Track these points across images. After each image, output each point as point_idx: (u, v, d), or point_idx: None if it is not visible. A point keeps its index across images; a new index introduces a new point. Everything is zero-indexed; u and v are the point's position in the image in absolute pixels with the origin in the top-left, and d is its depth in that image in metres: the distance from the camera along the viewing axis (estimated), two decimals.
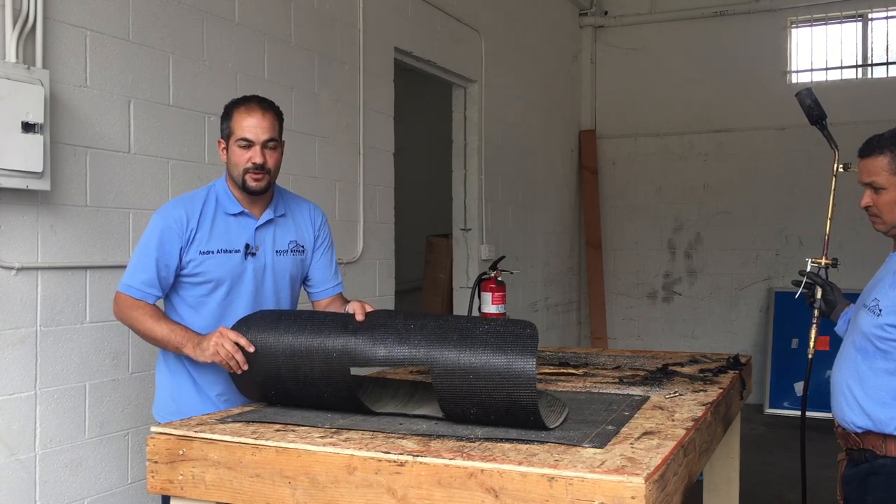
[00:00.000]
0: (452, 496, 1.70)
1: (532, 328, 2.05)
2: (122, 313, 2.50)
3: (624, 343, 8.52)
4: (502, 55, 6.65)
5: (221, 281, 2.53)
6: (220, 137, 2.59)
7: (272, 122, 2.54)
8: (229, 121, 2.54)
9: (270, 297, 2.63)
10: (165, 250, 2.47)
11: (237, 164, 2.52)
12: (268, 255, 2.61)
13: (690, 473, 2.02)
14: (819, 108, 2.90)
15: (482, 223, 6.29)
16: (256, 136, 2.50)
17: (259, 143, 2.50)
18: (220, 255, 2.52)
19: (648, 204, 8.57)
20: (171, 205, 2.57)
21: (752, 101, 8.10)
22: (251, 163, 2.50)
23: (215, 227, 2.53)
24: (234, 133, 2.51)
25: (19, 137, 2.67)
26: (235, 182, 2.55)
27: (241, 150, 2.51)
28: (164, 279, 2.49)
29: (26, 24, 2.79)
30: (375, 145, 4.89)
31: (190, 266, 2.50)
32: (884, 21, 7.96)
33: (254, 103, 2.55)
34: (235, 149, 2.51)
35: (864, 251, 5.66)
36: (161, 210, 2.56)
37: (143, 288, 2.46)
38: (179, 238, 2.48)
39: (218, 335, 2.28)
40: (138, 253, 2.50)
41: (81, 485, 3.04)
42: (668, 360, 3.27)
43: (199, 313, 2.54)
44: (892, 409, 2.36)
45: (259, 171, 2.50)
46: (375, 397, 2.33)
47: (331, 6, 4.48)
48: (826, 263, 2.83)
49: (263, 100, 2.58)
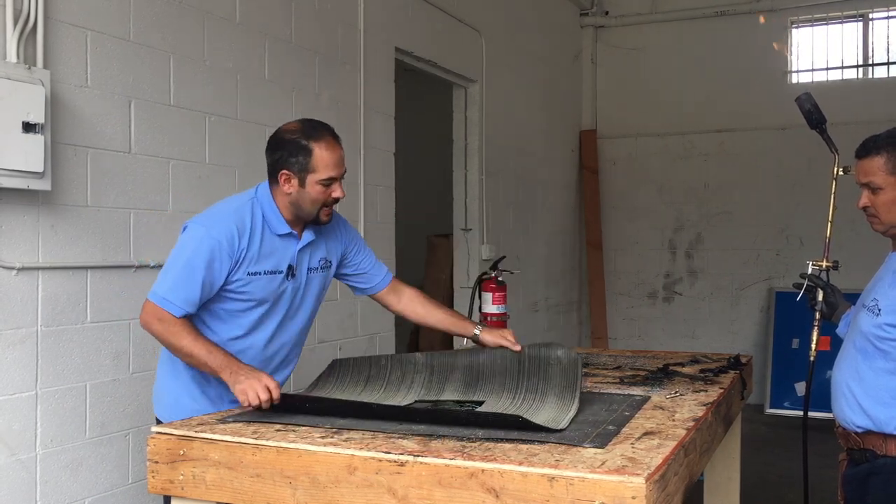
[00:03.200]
0: (453, 496, 1.70)
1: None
2: (153, 325, 2.37)
3: (624, 343, 8.52)
4: (503, 55, 6.65)
5: (264, 301, 2.50)
6: (288, 169, 2.43)
7: (343, 152, 2.50)
8: (307, 157, 2.41)
9: (298, 314, 2.62)
10: (214, 269, 2.37)
11: (316, 202, 2.44)
12: (303, 275, 2.58)
13: (691, 473, 2.02)
14: (818, 112, 2.90)
15: (483, 223, 6.29)
16: (340, 172, 2.46)
17: (339, 178, 2.46)
18: (266, 276, 2.47)
19: (649, 204, 8.57)
20: (218, 219, 2.43)
21: (753, 101, 8.10)
22: (333, 198, 2.46)
23: (263, 248, 2.46)
24: (317, 171, 2.41)
25: (20, 137, 2.67)
26: (304, 215, 2.47)
27: (321, 188, 2.43)
28: (204, 298, 2.39)
29: (27, 24, 2.79)
30: (375, 145, 4.89)
31: (235, 285, 2.43)
32: (884, 21, 7.96)
33: (330, 137, 2.45)
34: (315, 187, 2.42)
35: (863, 252, 5.64)
36: (207, 223, 2.42)
37: (183, 306, 2.35)
38: (230, 258, 2.38)
39: (257, 382, 2.20)
40: (182, 267, 2.36)
41: (82, 485, 3.05)
42: (669, 360, 3.27)
43: (226, 324, 2.49)
44: (893, 408, 2.36)
45: (335, 204, 2.49)
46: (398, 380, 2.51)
47: (331, 6, 4.48)
48: (827, 266, 2.83)
49: (332, 130, 2.49)
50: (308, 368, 4.22)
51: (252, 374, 2.26)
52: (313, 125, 2.48)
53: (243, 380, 2.23)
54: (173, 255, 2.42)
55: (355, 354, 4.11)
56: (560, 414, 2.13)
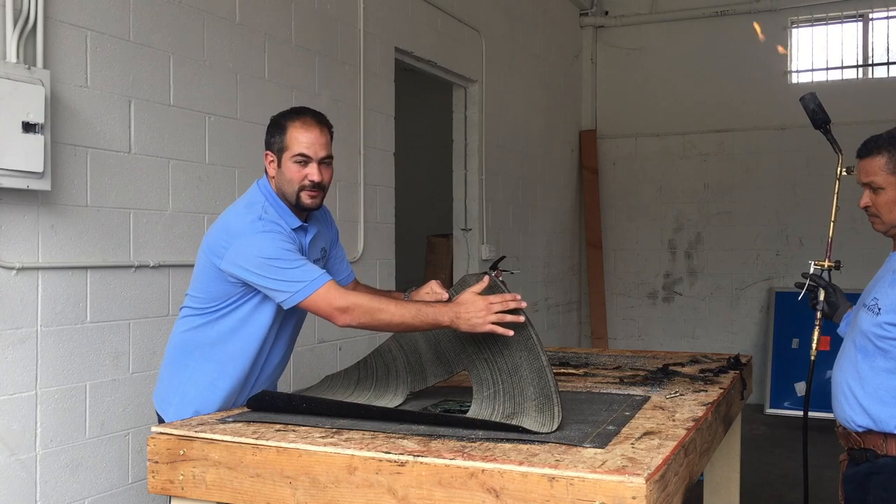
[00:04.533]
0: (453, 496, 1.70)
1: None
2: (354, 311, 2.29)
3: (624, 343, 8.52)
4: (503, 55, 6.65)
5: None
6: (269, 150, 2.49)
7: (328, 137, 2.50)
8: (282, 134, 2.46)
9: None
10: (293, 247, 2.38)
11: (292, 181, 2.45)
12: None
13: (691, 473, 2.02)
14: (823, 112, 2.89)
15: (482, 223, 6.29)
16: (315, 152, 2.45)
17: (316, 159, 2.45)
18: None
19: (649, 204, 8.57)
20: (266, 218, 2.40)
21: (753, 101, 8.10)
22: (308, 180, 2.45)
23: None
24: (290, 148, 2.44)
25: (20, 137, 2.67)
26: (288, 198, 2.49)
27: (296, 167, 2.44)
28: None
29: (27, 24, 2.79)
30: (375, 145, 4.89)
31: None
32: (884, 21, 7.96)
33: (310, 117, 2.48)
34: (290, 164, 2.44)
35: (864, 252, 5.65)
36: (261, 225, 2.38)
37: (319, 274, 2.31)
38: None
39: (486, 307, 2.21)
40: (285, 262, 2.32)
41: (82, 485, 3.04)
42: (669, 360, 3.27)
43: (245, 325, 2.48)
44: (893, 407, 2.36)
45: (315, 189, 2.47)
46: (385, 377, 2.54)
47: (331, 6, 4.48)
48: (829, 266, 2.83)
49: (317, 113, 2.51)
50: (308, 368, 4.23)
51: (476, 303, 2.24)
52: (298, 108, 2.53)
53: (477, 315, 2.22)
54: (258, 264, 2.33)
55: (355, 355, 4.11)
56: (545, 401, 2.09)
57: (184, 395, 2.54)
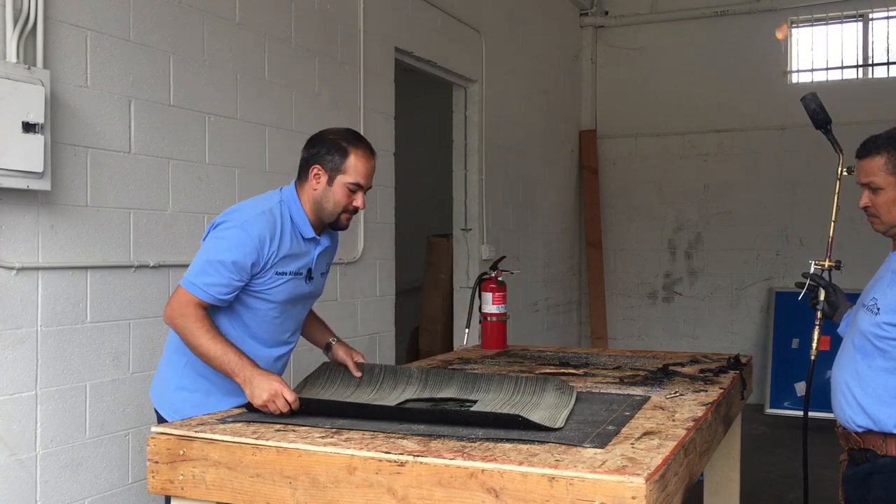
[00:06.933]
0: (453, 496, 1.70)
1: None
2: (178, 319, 2.38)
3: (624, 343, 8.52)
4: (503, 55, 6.65)
5: (287, 301, 2.56)
6: (320, 165, 2.51)
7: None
8: (343, 157, 2.50)
9: (302, 314, 2.72)
10: (244, 267, 2.40)
11: (338, 203, 2.51)
12: (316, 278, 2.66)
13: (691, 473, 2.02)
14: (824, 112, 2.89)
15: (482, 223, 6.28)
16: (367, 183, 2.54)
17: (365, 189, 2.54)
18: (292, 278, 2.54)
19: (649, 204, 8.57)
20: (252, 220, 2.44)
21: (753, 101, 8.10)
22: (353, 206, 2.53)
23: (292, 250, 2.52)
24: (347, 173, 2.49)
25: (20, 137, 2.67)
26: (325, 216, 2.54)
27: (347, 192, 2.51)
28: (230, 294, 2.42)
29: (27, 24, 2.79)
30: (375, 145, 4.83)
31: (263, 286, 2.48)
32: (884, 21, 7.96)
33: (367, 148, 2.56)
34: (342, 188, 2.50)
35: (863, 252, 5.65)
36: (241, 222, 2.43)
37: (209, 291, 2.37)
38: (260, 259, 2.42)
39: (274, 393, 2.21)
40: (215, 259, 2.38)
41: (82, 485, 3.04)
42: (669, 360, 3.27)
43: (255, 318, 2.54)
44: (892, 407, 2.37)
45: (354, 214, 2.57)
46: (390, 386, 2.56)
47: (331, 6, 4.48)
48: (829, 265, 2.83)
49: (371, 145, 2.60)
50: (309, 368, 4.22)
51: (265, 382, 2.24)
52: (356, 135, 2.59)
53: (259, 393, 2.23)
54: (206, 248, 2.45)
55: None
56: (556, 412, 2.13)
57: (172, 389, 2.57)
